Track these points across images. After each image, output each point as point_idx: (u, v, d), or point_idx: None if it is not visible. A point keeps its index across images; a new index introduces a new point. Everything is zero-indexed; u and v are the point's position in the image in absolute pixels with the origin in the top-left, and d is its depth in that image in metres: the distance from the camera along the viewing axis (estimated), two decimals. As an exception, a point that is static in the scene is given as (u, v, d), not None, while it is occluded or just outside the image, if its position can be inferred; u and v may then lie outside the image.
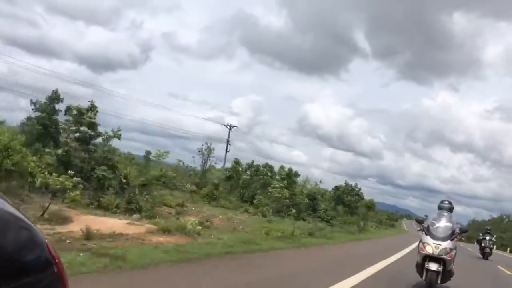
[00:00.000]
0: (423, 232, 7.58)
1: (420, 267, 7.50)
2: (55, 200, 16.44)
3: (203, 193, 33.36)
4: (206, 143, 41.08)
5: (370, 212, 58.63)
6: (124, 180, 23.21)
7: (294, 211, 34.79)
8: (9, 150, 14.05)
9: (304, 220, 33.78)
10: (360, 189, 57.42)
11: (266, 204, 35.75)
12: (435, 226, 7.39)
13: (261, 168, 48.99)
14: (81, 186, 15.31)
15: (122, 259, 6.61)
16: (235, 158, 45.45)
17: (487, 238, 22.50)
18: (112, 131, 22.16)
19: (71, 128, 21.71)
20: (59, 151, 17.82)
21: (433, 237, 7.24)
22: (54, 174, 14.03)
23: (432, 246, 7.15)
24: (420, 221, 8.12)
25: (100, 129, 24.64)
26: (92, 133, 23.69)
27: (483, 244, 22.65)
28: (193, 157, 40.24)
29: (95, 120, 23.70)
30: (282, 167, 46.89)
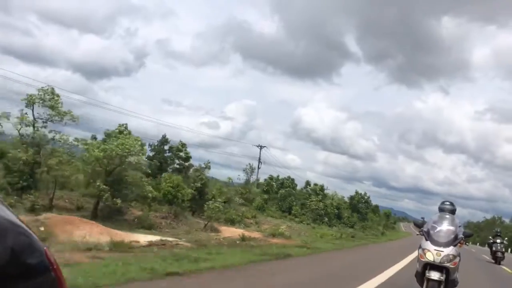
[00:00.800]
0: (423, 237, 7.00)
1: (420, 277, 6.88)
2: (194, 216, 24.84)
3: (255, 206, 41.71)
4: (249, 164, 49.82)
5: (388, 219, 67.35)
6: (213, 199, 31.69)
7: (326, 219, 43.37)
8: (179, 186, 22.34)
9: (335, 226, 42.25)
10: (369, 197, 66.36)
11: (302, 214, 44.26)
12: (436, 230, 6.78)
13: (285, 181, 57.55)
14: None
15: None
16: (270, 175, 53.85)
17: (498, 241, 21.14)
18: (204, 163, 30.61)
19: (175, 162, 30.28)
20: (198, 184, 26.24)
21: (434, 242, 6.64)
22: (210, 201, 22.46)
23: (433, 253, 6.55)
24: (419, 225, 7.45)
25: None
26: (187, 165, 32.11)
27: (494, 248, 21.21)
28: (239, 175, 49.09)
29: (190, 155, 32.22)
30: (307, 182, 55.40)
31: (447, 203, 7.38)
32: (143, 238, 16.37)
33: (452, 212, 7.21)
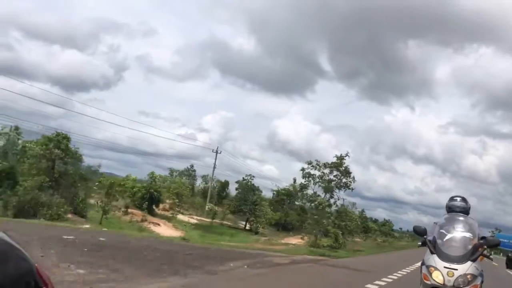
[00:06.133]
0: (427, 249, 4.82)
1: None
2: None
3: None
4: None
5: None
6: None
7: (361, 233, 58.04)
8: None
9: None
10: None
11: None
12: (445, 239, 4.63)
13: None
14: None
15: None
16: (343, 204, 67.70)
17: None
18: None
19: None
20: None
21: (444, 257, 4.50)
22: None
23: (443, 273, 4.40)
24: (420, 232, 5.05)
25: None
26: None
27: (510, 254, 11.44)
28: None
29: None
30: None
31: (458, 198, 5.27)
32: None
33: (466, 211, 5.10)
